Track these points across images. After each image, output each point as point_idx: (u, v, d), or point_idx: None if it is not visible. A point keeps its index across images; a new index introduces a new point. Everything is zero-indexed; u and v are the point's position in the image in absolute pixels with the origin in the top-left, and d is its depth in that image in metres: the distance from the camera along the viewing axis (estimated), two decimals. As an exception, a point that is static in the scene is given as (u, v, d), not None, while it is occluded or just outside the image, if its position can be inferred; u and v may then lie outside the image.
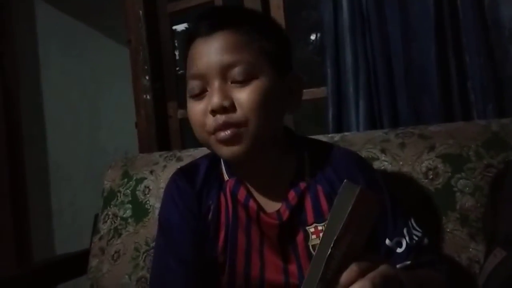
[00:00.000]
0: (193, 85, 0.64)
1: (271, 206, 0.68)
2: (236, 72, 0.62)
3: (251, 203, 0.68)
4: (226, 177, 0.72)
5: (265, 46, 0.64)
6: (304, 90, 0.74)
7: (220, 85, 0.62)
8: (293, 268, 0.67)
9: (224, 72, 0.62)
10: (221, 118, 0.61)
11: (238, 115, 0.61)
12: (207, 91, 0.63)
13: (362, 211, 0.46)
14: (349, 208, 0.44)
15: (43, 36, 1.97)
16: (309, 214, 0.67)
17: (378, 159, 0.93)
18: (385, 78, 1.17)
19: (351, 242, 0.46)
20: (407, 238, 0.66)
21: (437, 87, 1.12)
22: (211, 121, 0.62)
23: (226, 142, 0.62)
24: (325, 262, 0.45)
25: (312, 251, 0.66)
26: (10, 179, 1.80)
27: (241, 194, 0.69)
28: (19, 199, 1.82)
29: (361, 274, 0.46)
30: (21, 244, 1.78)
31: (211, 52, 0.63)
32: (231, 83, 0.62)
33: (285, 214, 0.66)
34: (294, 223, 0.67)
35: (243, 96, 0.62)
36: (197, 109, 0.64)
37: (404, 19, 1.16)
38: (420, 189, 0.89)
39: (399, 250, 0.65)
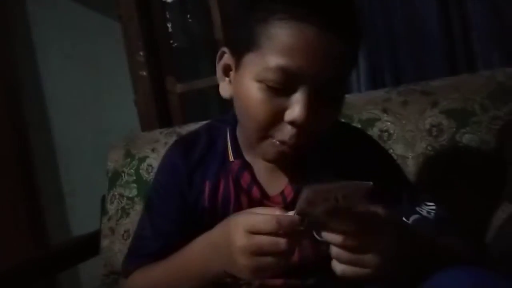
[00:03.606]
0: (277, 77, 0.52)
1: (275, 187, 0.64)
2: (332, 88, 0.54)
3: (255, 190, 0.64)
4: (231, 157, 0.66)
5: (356, 59, 0.58)
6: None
7: (311, 97, 0.52)
8: None
9: (321, 84, 0.52)
10: (297, 132, 0.53)
11: (312, 132, 0.54)
12: (289, 88, 0.53)
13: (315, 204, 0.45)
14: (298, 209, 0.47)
15: (37, 19, 1.94)
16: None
17: (379, 119, 0.91)
18: (385, 36, 1.12)
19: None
20: (424, 213, 0.62)
21: (439, 39, 1.07)
22: (286, 131, 0.54)
23: (284, 152, 0.56)
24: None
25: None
26: (20, 166, 1.82)
27: (245, 179, 0.64)
28: (30, 184, 1.85)
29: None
30: (35, 228, 1.83)
31: (318, 55, 0.51)
32: (318, 92, 0.53)
33: (289, 195, 0.63)
34: None
35: (325, 114, 0.55)
36: (268, 104, 0.53)
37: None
38: (425, 147, 0.86)
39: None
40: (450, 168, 0.85)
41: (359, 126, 0.90)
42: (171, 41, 1.53)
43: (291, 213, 0.48)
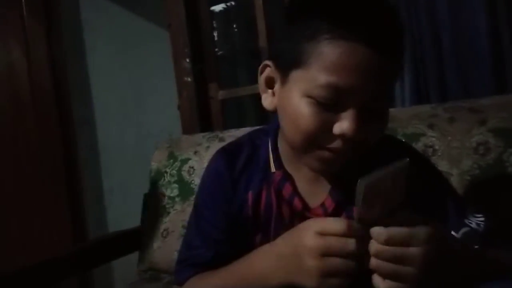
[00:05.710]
0: (327, 94, 0.53)
1: (316, 199, 0.65)
2: (378, 105, 0.55)
3: (296, 201, 0.64)
4: (272, 168, 0.67)
5: (399, 72, 0.59)
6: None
7: (360, 112, 0.54)
8: None
9: (370, 99, 0.54)
10: (347, 145, 0.55)
11: (360, 144, 0.56)
12: (338, 103, 0.54)
13: (377, 193, 0.47)
14: (360, 202, 0.47)
15: (88, 23, 2.03)
16: (355, 208, 0.64)
17: (425, 134, 0.90)
18: (432, 50, 1.12)
19: (381, 209, 0.49)
20: (473, 225, 0.61)
21: (488, 55, 1.06)
22: (337, 144, 0.55)
23: (330, 159, 0.57)
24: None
25: None
26: (64, 161, 1.90)
27: (286, 190, 0.65)
28: (73, 181, 1.92)
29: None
30: (76, 223, 1.90)
31: (367, 72, 0.52)
32: (365, 107, 0.54)
33: (331, 207, 0.63)
34: (339, 215, 0.62)
35: (373, 130, 0.56)
36: (317, 117, 0.55)
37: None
38: (470, 165, 0.85)
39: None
40: (495, 187, 0.84)
41: (404, 139, 0.90)
42: (216, 49, 1.58)
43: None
